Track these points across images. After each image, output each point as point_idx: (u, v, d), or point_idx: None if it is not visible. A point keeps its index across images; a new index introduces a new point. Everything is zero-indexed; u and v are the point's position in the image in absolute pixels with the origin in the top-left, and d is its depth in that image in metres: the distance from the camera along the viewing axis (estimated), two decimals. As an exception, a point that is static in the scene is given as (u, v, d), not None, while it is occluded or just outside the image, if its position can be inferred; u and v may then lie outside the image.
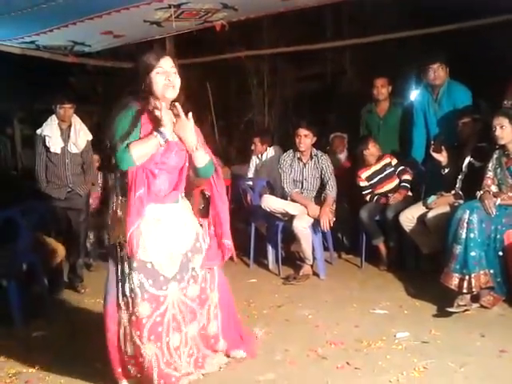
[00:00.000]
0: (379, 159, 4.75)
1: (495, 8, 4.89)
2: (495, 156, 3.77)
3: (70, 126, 4.53)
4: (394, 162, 4.74)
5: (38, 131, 4.50)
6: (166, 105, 2.57)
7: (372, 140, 4.77)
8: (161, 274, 2.56)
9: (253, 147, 5.51)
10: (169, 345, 2.57)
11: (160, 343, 2.54)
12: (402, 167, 4.71)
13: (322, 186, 4.65)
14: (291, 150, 4.78)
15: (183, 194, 2.70)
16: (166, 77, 2.53)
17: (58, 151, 4.47)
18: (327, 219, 4.42)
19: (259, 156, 5.56)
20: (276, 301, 3.92)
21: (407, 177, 4.68)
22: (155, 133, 2.49)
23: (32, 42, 4.95)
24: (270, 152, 5.53)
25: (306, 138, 4.57)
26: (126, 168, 2.46)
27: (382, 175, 4.71)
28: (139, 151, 2.45)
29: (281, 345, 3.08)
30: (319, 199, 4.64)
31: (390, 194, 4.62)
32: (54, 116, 4.50)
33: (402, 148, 5.03)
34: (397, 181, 4.70)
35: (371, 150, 4.71)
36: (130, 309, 2.53)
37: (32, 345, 3.39)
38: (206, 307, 2.75)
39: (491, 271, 3.47)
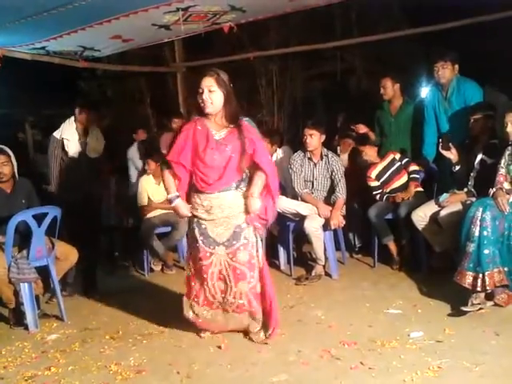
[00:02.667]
0: (383, 157, 4.74)
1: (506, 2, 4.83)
2: (507, 152, 3.73)
3: (86, 131, 4.56)
4: (398, 156, 4.73)
5: (56, 134, 4.52)
6: (215, 117, 3.08)
7: (369, 144, 4.77)
8: (211, 236, 3.14)
9: None
10: (214, 286, 3.19)
11: (206, 282, 3.20)
12: (406, 159, 4.70)
13: (332, 187, 4.64)
14: (301, 151, 4.78)
15: (235, 184, 3.12)
16: (202, 95, 2.96)
17: (76, 155, 4.50)
18: (337, 223, 4.42)
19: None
20: (288, 301, 3.92)
21: (414, 167, 4.65)
22: (171, 195, 3.20)
23: (42, 48, 4.99)
24: (280, 153, 5.52)
25: (312, 138, 4.57)
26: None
27: (391, 170, 4.69)
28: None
29: (294, 345, 3.07)
30: (329, 199, 4.62)
31: (397, 195, 4.58)
32: (71, 119, 4.53)
33: (413, 146, 5.01)
34: (405, 176, 4.67)
35: (368, 151, 4.72)
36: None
37: (47, 348, 3.42)
38: (256, 270, 3.19)
39: (505, 269, 3.44)
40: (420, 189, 4.65)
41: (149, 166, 5.20)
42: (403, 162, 4.70)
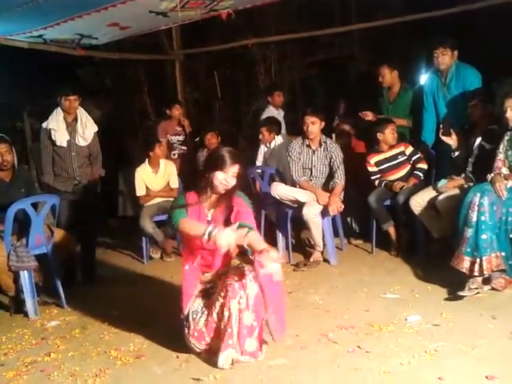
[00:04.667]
0: (392, 147, 4.68)
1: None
2: (506, 138, 3.74)
3: (75, 119, 4.54)
4: (409, 150, 4.66)
5: (44, 124, 4.52)
6: (217, 196, 2.92)
7: (392, 126, 4.66)
8: None
9: (260, 137, 5.51)
10: None
11: None
12: (418, 155, 4.64)
13: (331, 174, 4.64)
14: (300, 138, 4.77)
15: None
16: (225, 177, 2.83)
17: (64, 144, 4.48)
18: (336, 208, 4.42)
19: (267, 144, 5.56)
20: (287, 287, 3.92)
21: (422, 165, 4.61)
22: (209, 227, 2.66)
23: (39, 36, 4.96)
24: (278, 140, 5.52)
25: (313, 125, 4.56)
26: (175, 227, 2.86)
27: (393, 163, 4.67)
28: (185, 226, 2.79)
29: (292, 330, 3.09)
30: (328, 186, 4.63)
31: (397, 183, 4.57)
32: (59, 109, 4.50)
33: (411, 133, 5.00)
34: (407, 168, 4.65)
35: (387, 136, 4.62)
36: None
37: (47, 334, 3.44)
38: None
39: (502, 254, 3.45)
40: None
41: (154, 152, 5.17)
42: (413, 158, 4.65)
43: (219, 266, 2.96)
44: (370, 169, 4.72)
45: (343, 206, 4.51)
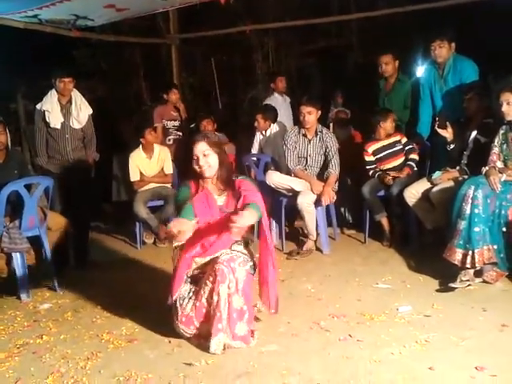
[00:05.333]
0: (389, 135, 4.71)
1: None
2: (501, 132, 3.74)
3: (70, 101, 4.50)
4: (404, 140, 4.69)
5: (38, 106, 4.48)
6: (216, 181, 2.92)
7: (393, 116, 4.70)
8: None
9: (256, 124, 5.49)
10: None
11: None
12: (410, 146, 4.66)
13: (326, 163, 4.64)
14: (296, 127, 4.76)
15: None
16: (197, 162, 2.85)
17: (58, 126, 4.45)
18: (328, 198, 4.43)
19: (263, 132, 5.54)
20: (279, 275, 3.92)
21: (414, 156, 4.63)
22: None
23: (35, 16, 4.89)
24: (274, 128, 5.50)
25: (309, 115, 4.55)
26: None
27: (390, 151, 4.68)
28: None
29: (284, 317, 3.11)
30: (322, 176, 4.63)
31: (392, 172, 4.59)
32: (53, 91, 4.46)
33: (407, 124, 5.01)
34: (402, 159, 4.67)
35: (387, 125, 4.65)
36: None
37: (39, 317, 3.44)
38: None
39: (495, 247, 3.47)
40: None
41: (145, 138, 5.13)
42: (406, 148, 4.67)
43: (214, 251, 2.93)
44: (367, 158, 4.73)
45: (335, 197, 4.52)
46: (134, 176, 5.15)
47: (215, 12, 6.35)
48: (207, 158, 2.86)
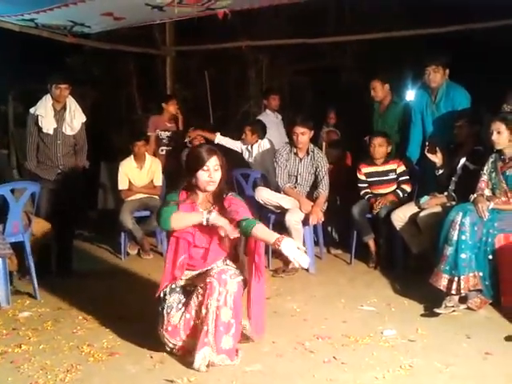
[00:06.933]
0: (386, 162, 4.70)
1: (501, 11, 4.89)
2: (491, 160, 3.79)
3: (64, 107, 4.47)
4: (400, 169, 4.66)
5: (32, 110, 4.44)
6: (208, 196, 2.93)
7: (386, 139, 4.66)
8: None
9: (243, 136, 5.50)
10: None
11: None
12: (406, 177, 4.65)
13: (315, 183, 4.65)
14: (288, 145, 4.78)
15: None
16: (209, 174, 2.83)
17: (51, 132, 4.41)
18: (316, 218, 4.44)
19: (249, 147, 5.53)
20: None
21: (406, 187, 4.64)
22: (204, 212, 2.81)
23: (31, 20, 4.87)
24: (262, 144, 5.50)
25: (303, 136, 4.57)
26: (164, 228, 2.94)
27: (382, 179, 4.69)
28: (179, 218, 2.80)
29: (268, 337, 3.08)
30: (312, 195, 4.64)
31: (378, 202, 4.57)
32: (48, 96, 4.43)
33: (397, 147, 5.04)
34: (394, 187, 4.67)
35: (378, 149, 4.62)
36: None
37: (18, 325, 3.36)
38: None
39: (480, 274, 3.50)
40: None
41: (136, 148, 5.10)
42: (401, 179, 4.66)
43: (206, 264, 2.91)
44: (360, 176, 4.74)
45: (323, 218, 4.53)
46: (122, 185, 5.11)
47: (212, 26, 6.38)
48: (216, 172, 2.85)
